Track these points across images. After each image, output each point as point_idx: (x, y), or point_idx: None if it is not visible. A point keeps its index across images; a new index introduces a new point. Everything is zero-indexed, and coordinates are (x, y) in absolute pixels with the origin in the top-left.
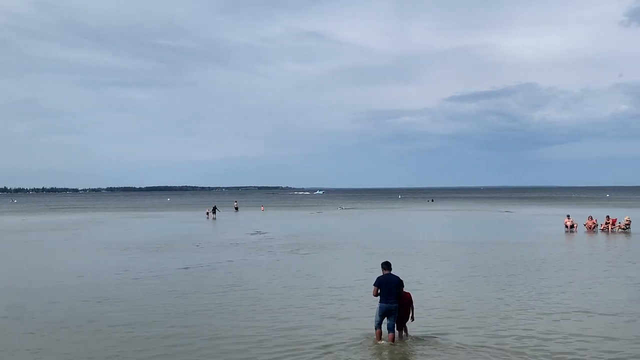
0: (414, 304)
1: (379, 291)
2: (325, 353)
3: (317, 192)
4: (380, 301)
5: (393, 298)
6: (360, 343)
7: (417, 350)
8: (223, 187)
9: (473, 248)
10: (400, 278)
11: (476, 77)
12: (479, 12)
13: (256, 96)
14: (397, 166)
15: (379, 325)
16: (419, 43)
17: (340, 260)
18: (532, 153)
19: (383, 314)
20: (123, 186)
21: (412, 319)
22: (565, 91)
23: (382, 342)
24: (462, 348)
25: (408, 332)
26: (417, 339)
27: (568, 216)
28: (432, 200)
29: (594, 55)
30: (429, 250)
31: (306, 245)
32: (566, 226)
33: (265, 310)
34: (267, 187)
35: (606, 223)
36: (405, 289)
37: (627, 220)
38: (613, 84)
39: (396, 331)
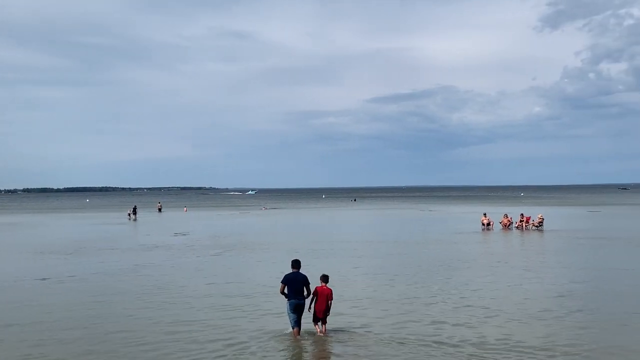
0: (333, 300)
1: (286, 288)
2: (243, 350)
3: (250, 192)
4: (289, 298)
5: (301, 295)
6: (278, 340)
7: (335, 343)
8: (145, 188)
9: (395, 246)
10: (306, 275)
11: (397, 79)
12: (400, 16)
13: (179, 96)
14: (322, 166)
15: (296, 323)
16: (342, 45)
17: (263, 262)
18: (450, 153)
19: (294, 310)
20: (40, 187)
21: (325, 313)
22: (482, 94)
23: (299, 337)
24: (381, 340)
25: (326, 327)
26: (337, 331)
27: (485, 214)
28: (355, 200)
29: (510, 59)
30: (350, 249)
31: (229, 246)
32: (483, 224)
33: (187, 310)
34: (190, 187)
35: (520, 221)
36: (329, 286)
37: (540, 218)
38: (527, 87)
39: (321, 325)
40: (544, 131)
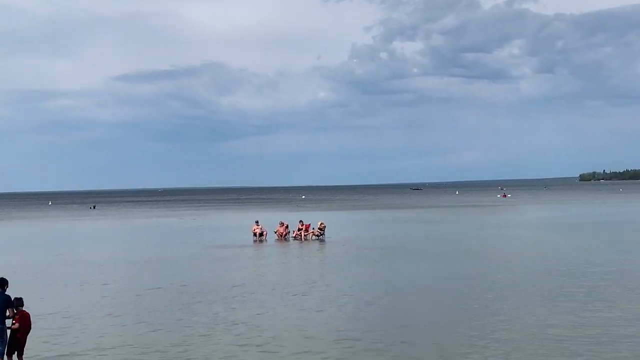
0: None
1: None
2: None
3: None
4: None
5: (1, 318)
6: None
7: None
8: None
9: (141, 267)
10: (9, 296)
11: (154, 52)
12: None
13: None
14: (50, 162)
15: (2, 354)
16: (79, 6)
17: None
18: (222, 147)
19: None
20: None
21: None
22: (259, 74)
23: None
24: None
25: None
26: None
27: (257, 222)
28: (95, 207)
29: (291, 34)
30: (87, 271)
31: None
32: (255, 234)
33: None
34: None
35: (299, 229)
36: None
37: (321, 225)
38: (311, 67)
39: (5, 357)
40: (330, 120)
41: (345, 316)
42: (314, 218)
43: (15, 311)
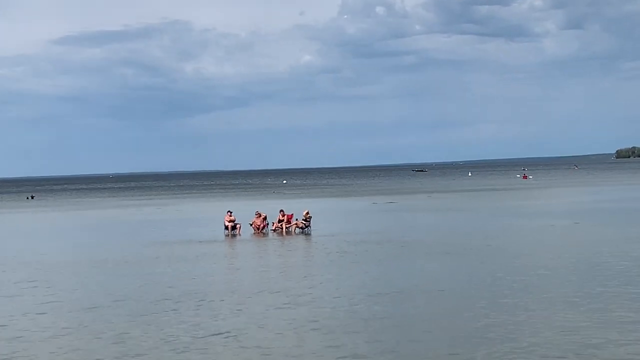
0: None
1: None
2: None
3: None
4: None
5: None
6: None
7: None
8: None
9: (91, 271)
10: None
11: (102, 9)
12: None
13: None
14: None
15: None
16: None
17: None
18: (185, 123)
19: None
20: None
21: None
22: (228, 34)
23: None
24: None
25: None
26: None
27: (229, 212)
28: (32, 198)
29: None
30: (23, 278)
31: None
32: (226, 227)
33: None
34: None
35: (279, 221)
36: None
37: (306, 215)
38: (292, 26)
39: None
40: (316, 89)
41: (345, 328)
42: (298, 207)
43: None
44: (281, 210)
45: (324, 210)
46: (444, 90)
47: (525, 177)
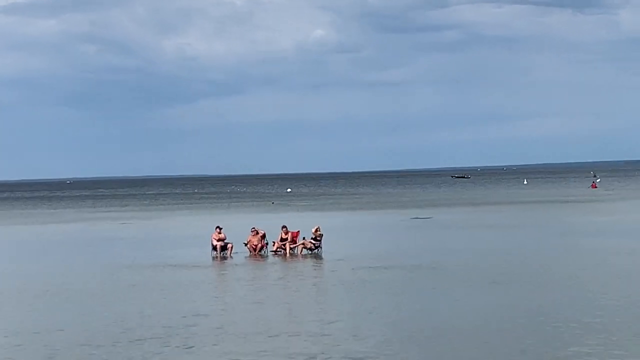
0: None
1: None
2: None
3: None
4: None
5: None
6: None
7: None
8: None
9: (46, 303)
10: None
11: None
12: None
13: None
14: None
15: None
16: None
17: None
18: (163, 115)
19: None
20: None
21: None
22: (220, 2)
23: None
24: None
25: None
26: None
27: (219, 229)
28: None
29: None
30: None
31: None
32: (214, 247)
33: None
34: None
35: (282, 240)
36: None
37: (316, 233)
38: None
39: None
40: (330, 73)
41: None
42: (305, 222)
43: None
44: (284, 227)
45: (338, 226)
46: (493, 75)
47: (594, 185)
